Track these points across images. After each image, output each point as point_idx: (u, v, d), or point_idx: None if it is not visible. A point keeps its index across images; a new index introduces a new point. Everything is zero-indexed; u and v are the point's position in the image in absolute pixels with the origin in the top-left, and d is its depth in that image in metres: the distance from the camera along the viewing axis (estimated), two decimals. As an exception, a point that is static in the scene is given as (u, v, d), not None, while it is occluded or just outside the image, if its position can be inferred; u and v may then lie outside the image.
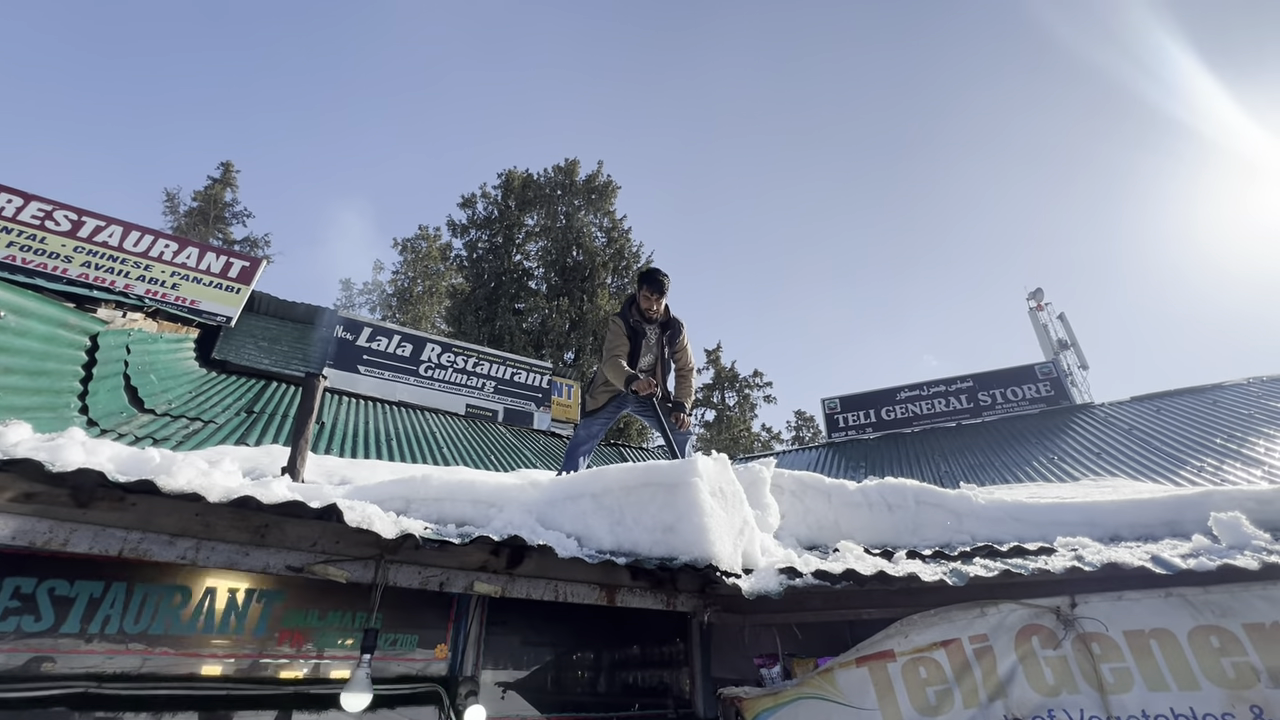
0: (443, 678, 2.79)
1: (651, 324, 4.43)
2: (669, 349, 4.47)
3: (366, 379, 9.25)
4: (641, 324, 4.39)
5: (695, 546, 2.47)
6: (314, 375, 3.18)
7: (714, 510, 2.63)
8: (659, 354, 4.47)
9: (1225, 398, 7.83)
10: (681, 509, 2.57)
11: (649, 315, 4.36)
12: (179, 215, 26.71)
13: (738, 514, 2.84)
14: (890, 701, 2.46)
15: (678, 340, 4.49)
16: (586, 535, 2.60)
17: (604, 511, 2.68)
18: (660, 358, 4.47)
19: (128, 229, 8.21)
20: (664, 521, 2.57)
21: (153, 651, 2.34)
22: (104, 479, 1.64)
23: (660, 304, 4.36)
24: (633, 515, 2.64)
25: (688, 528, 2.52)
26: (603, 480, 2.79)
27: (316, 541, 2.07)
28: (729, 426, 29.16)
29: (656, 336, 4.46)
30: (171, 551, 1.83)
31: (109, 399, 4.85)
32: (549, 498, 2.77)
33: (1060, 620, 2.38)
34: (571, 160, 27.90)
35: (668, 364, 4.52)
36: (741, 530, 2.79)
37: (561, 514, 2.68)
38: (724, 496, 2.81)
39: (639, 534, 2.58)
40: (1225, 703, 2.12)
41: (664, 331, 4.46)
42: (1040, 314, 14.29)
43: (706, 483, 2.69)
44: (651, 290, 4.28)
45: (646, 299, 4.29)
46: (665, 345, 4.46)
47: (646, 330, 4.41)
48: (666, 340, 4.46)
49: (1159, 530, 3.09)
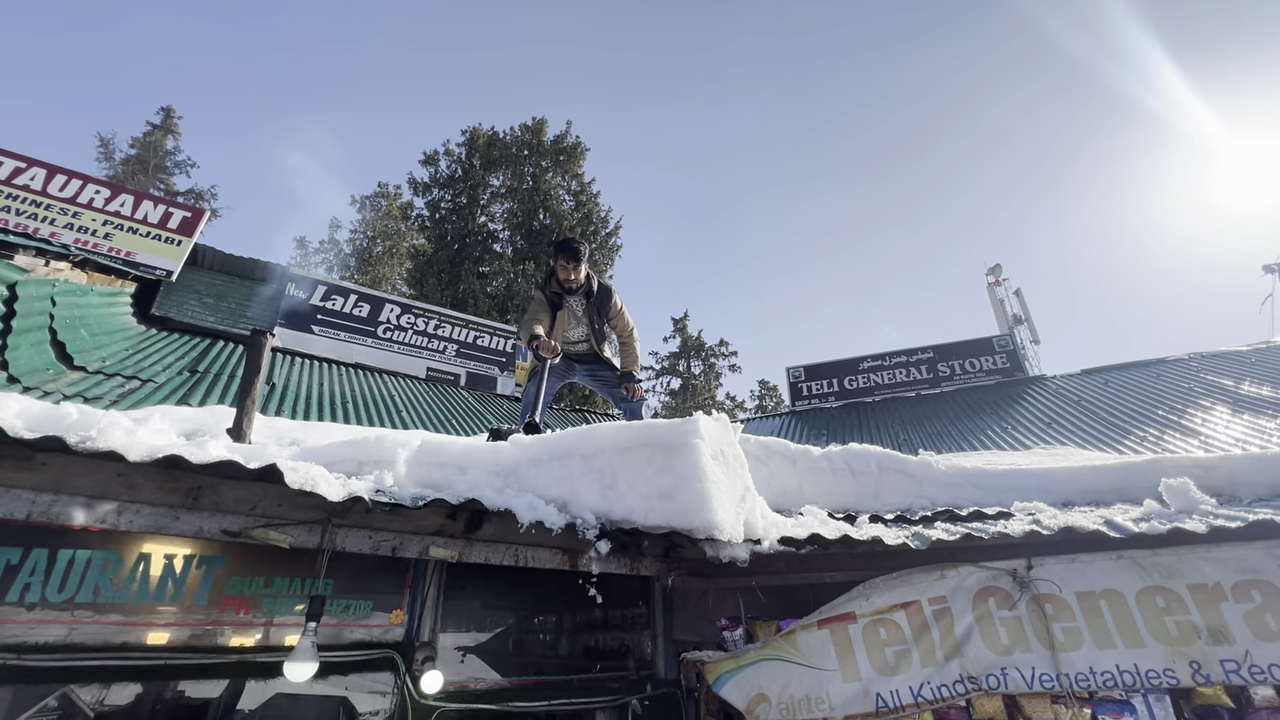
0: (398, 643, 2.70)
1: (574, 294, 4.32)
2: (600, 318, 4.38)
3: (321, 339, 8.88)
4: (561, 296, 4.29)
5: (695, 515, 2.24)
6: (261, 332, 2.99)
7: (716, 475, 2.38)
8: (590, 324, 4.38)
9: (1168, 372, 8.20)
10: (681, 473, 2.31)
11: (568, 286, 4.25)
12: (114, 164, 24.90)
13: (739, 479, 2.60)
14: (850, 662, 2.49)
15: (609, 306, 4.39)
16: (573, 500, 2.36)
17: (594, 474, 2.43)
18: (593, 328, 4.38)
19: (52, 172, 7.55)
20: (661, 487, 2.33)
21: (80, 621, 2.18)
22: (3, 435, 1.46)
23: (578, 273, 4.24)
24: (626, 479, 2.39)
25: (687, 494, 2.27)
26: (593, 439, 2.52)
27: (256, 505, 1.92)
28: (694, 395, 29.41)
29: (584, 307, 4.36)
30: (89, 515, 1.67)
31: (32, 354, 4.48)
32: (532, 456, 2.53)
33: (1016, 582, 2.43)
34: (539, 119, 26.97)
35: (603, 333, 4.43)
36: (744, 496, 2.56)
37: (546, 475, 2.45)
38: (725, 460, 2.55)
39: (633, 500, 2.34)
40: (1167, 659, 2.20)
41: (589, 301, 4.36)
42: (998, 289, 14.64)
43: (708, 445, 2.43)
44: (567, 259, 4.16)
45: (564, 269, 4.18)
46: (594, 314, 4.36)
47: (570, 302, 4.31)
48: (595, 309, 4.36)
49: (1109, 496, 3.19)
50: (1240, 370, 7.58)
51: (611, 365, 4.48)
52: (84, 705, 2.40)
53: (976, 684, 2.33)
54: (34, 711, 2.26)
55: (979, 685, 2.33)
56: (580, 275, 4.26)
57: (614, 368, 4.47)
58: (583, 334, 4.41)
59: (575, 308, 4.35)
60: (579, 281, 4.28)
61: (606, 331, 4.47)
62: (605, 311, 4.38)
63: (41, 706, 2.29)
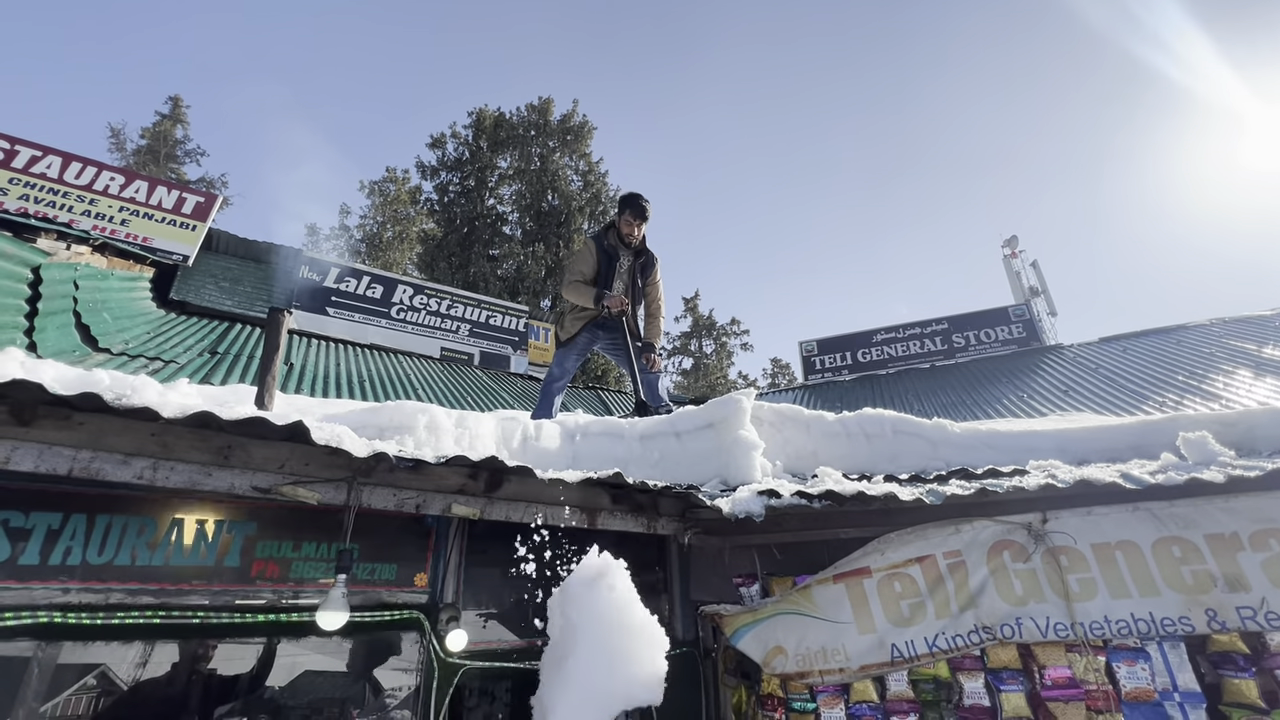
0: (423, 605, 2.79)
1: (628, 250, 4.32)
2: (642, 279, 4.38)
3: (336, 321, 8.98)
4: (618, 248, 4.28)
5: None
6: (279, 310, 3.05)
7: None
8: (630, 283, 4.38)
9: (1189, 338, 8.06)
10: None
11: (628, 240, 4.25)
12: (126, 154, 25.06)
13: None
14: (865, 614, 2.53)
15: (651, 272, 4.39)
16: None
17: None
18: (632, 288, 4.38)
19: (68, 160, 7.64)
20: None
21: (120, 583, 2.27)
22: (45, 393, 1.51)
23: (640, 230, 4.25)
24: None
25: None
26: None
27: (284, 463, 1.98)
28: (706, 374, 29.39)
29: (629, 264, 4.35)
30: (126, 471, 1.73)
31: (60, 335, 4.59)
32: None
33: (1031, 535, 2.45)
34: (545, 99, 26.71)
35: (639, 296, 4.44)
36: None
37: None
38: None
39: None
40: (1182, 606, 2.21)
41: (638, 259, 4.36)
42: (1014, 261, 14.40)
43: None
44: (635, 215, 4.17)
45: (629, 224, 4.18)
46: (639, 274, 4.36)
47: (621, 256, 4.31)
48: (640, 270, 4.36)
49: (1126, 454, 3.18)
50: (1264, 334, 7.43)
51: (635, 333, 4.49)
52: (120, 682, 2.51)
53: (991, 634, 2.36)
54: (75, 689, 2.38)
55: (993, 635, 2.36)
56: (641, 234, 4.29)
57: (637, 335, 4.49)
58: (622, 289, 4.42)
59: (624, 264, 4.37)
60: (638, 239, 4.31)
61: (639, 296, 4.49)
62: (648, 278, 4.41)
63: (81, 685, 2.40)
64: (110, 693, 2.48)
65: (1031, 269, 13.70)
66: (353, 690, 2.96)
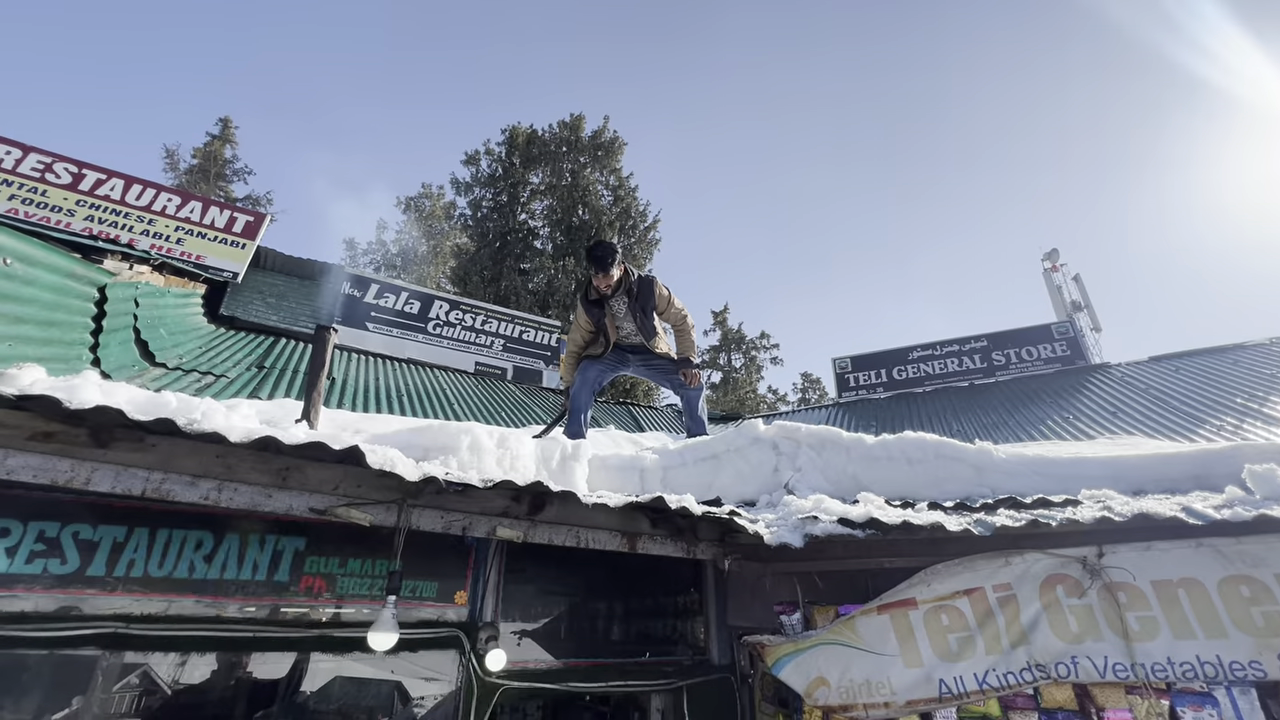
0: (463, 623, 2.83)
1: (613, 297, 4.31)
2: (645, 314, 4.34)
3: (375, 336, 9.21)
4: (601, 301, 4.29)
5: None
6: (325, 328, 3.14)
7: None
8: (638, 320, 4.35)
9: (1246, 357, 7.70)
10: None
11: (602, 292, 4.25)
12: (179, 173, 26.28)
13: None
14: (911, 647, 2.47)
15: (652, 299, 4.32)
16: None
17: None
18: (640, 325, 4.36)
19: (129, 182, 8.06)
20: None
21: (179, 595, 2.37)
22: (124, 418, 1.60)
23: (611, 278, 4.19)
24: None
25: None
26: None
27: (338, 485, 2.04)
28: (735, 388, 29.19)
29: (626, 306, 4.33)
30: (194, 492, 1.80)
31: (121, 351, 4.82)
32: None
33: (1086, 570, 2.36)
34: (577, 116, 27.15)
35: (652, 328, 4.40)
36: None
37: None
38: None
39: None
40: (1253, 650, 2.11)
41: (631, 298, 4.32)
42: (1055, 275, 13.97)
43: None
44: (595, 268, 4.14)
45: (596, 278, 4.17)
46: (639, 312, 4.33)
47: (611, 305, 4.31)
48: (639, 307, 4.32)
49: (1185, 484, 3.05)
50: (1329, 355, 7.07)
51: (666, 355, 4.47)
52: (163, 683, 2.60)
53: (1045, 672, 2.28)
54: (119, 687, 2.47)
55: (1047, 673, 2.28)
56: (613, 279, 4.23)
57: (669, 357, 4.47)
58: (631, 330, 4.41)
59: (618, 309, 4.35)
60: (613, 285, 4.27)
61: (656, 325, 4.46)
62: (650, 306, 4.35)
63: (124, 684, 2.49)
64: (152, 692, 2.57)
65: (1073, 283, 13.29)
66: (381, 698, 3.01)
